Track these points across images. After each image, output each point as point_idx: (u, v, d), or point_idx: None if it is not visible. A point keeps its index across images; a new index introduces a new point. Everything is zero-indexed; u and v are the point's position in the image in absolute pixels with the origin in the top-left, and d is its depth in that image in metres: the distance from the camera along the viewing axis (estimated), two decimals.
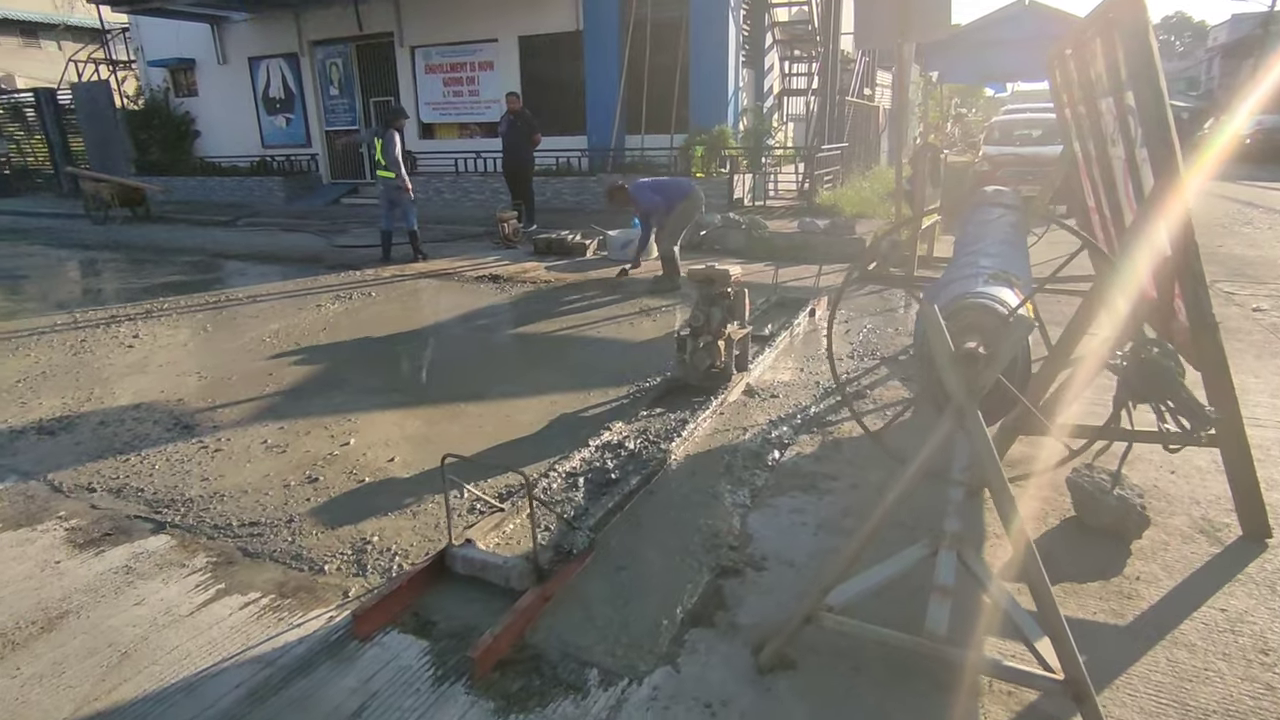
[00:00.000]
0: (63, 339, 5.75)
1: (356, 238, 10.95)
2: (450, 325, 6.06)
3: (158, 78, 17.49)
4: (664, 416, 3.90)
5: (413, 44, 14.24)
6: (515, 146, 10.49)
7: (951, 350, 1.59)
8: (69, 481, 3.37)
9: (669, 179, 7.00)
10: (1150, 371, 1.71)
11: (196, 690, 2.10)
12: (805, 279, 7.27)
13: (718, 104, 11.62)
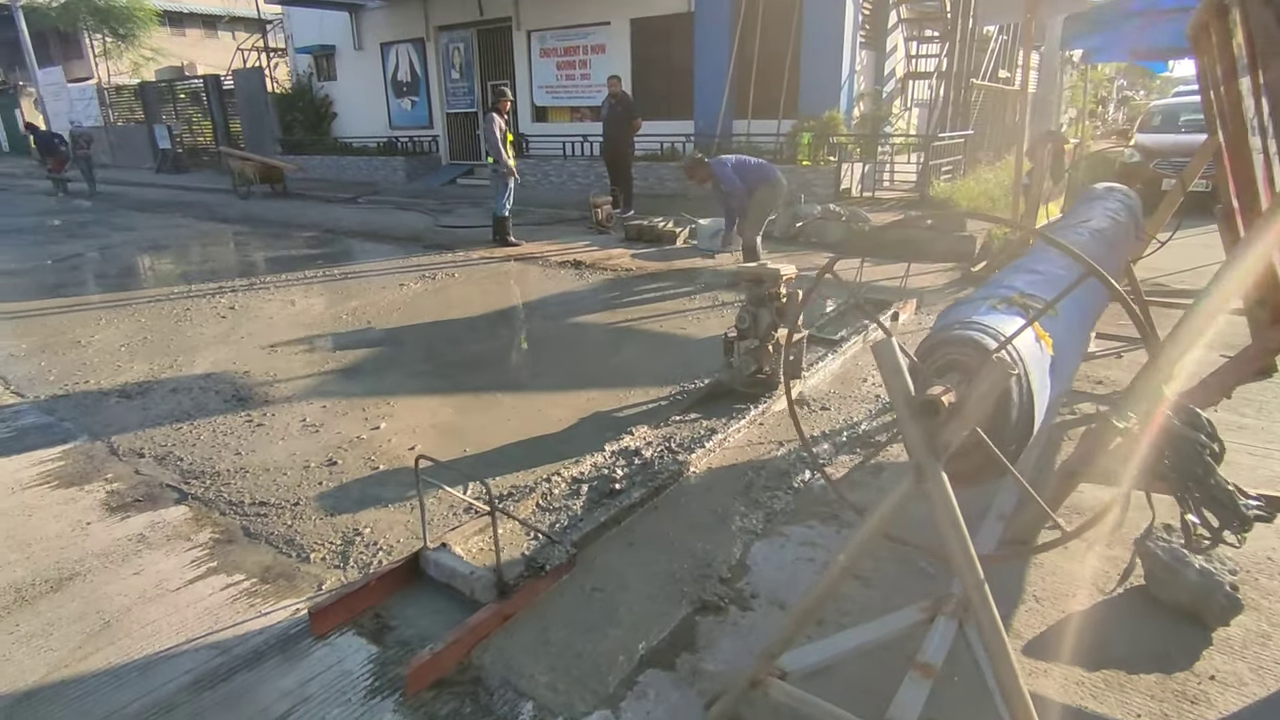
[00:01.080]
0: (172, 307, 6.25)
1: (461, 218, 11.28)
2: (515, 311, 6.06)
3: (303, 63, 18.82)
4: (696, 423, 3.67)
5: (529, 28, 14.44)
6: (615, 130, 10.39)
7: (909, 396, 1.29)
8: (126, 445, 3.60)
9: (753, 161, 6.53)
10: (1173, 447, 1.30)
11: (150, 671, 2.13)
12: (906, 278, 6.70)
13: (829, 88, 10.98)
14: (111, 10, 24.33)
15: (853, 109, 11.46)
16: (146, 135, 21.61)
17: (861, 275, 5.91)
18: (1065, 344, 1.73)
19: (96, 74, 25.41)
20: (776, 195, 6.39)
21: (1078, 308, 2.07)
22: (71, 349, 5.13)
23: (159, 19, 26.05)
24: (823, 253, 8.07)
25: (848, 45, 11.01)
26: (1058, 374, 1.67)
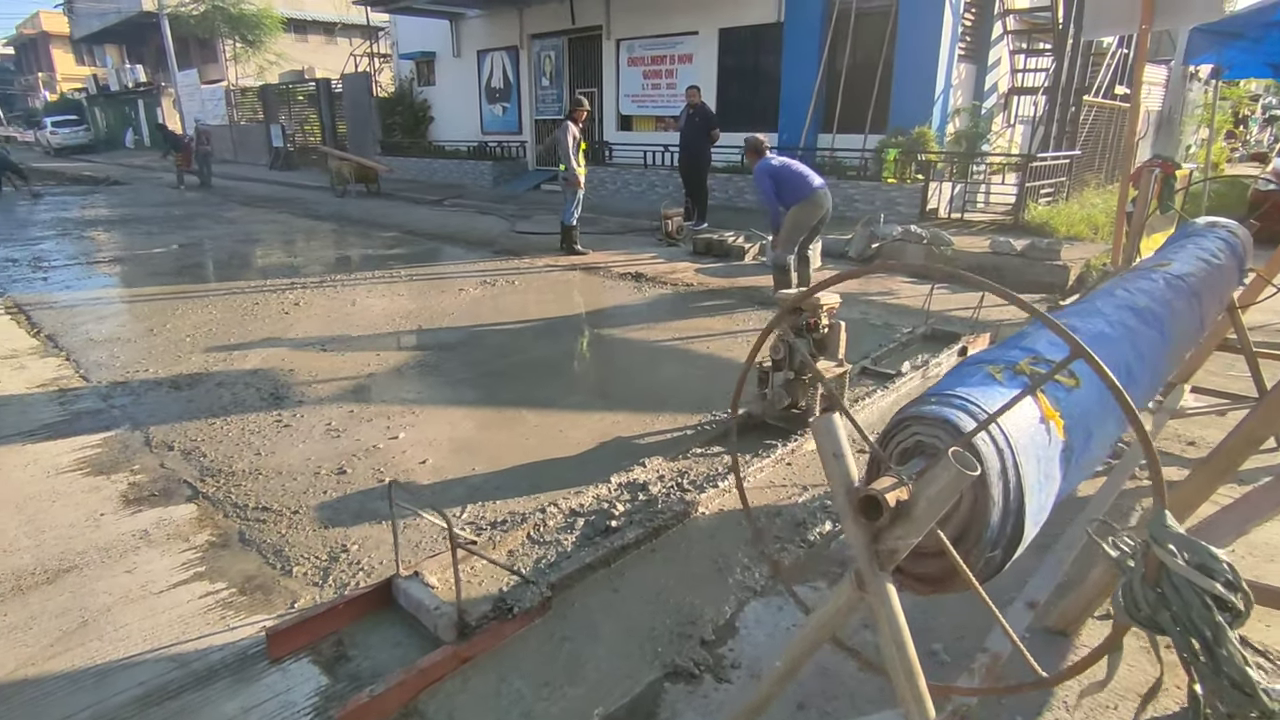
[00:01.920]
0: (243, 300, 6.52)
1: (537, 224, 11.37)
2: (563, 323, 5.97)
3: (406, 69, 19.61)
4: (715, 458, 3.44)
5: (618, 37, 14.48)
6: (692, 141, 10.22)
7: (849, 487, 1.06)
8: (160, 437, 3.72)
9: (797, 169, 5.95)
10: (1176, 597, 0.99)
11: (107, 680, 2.12)
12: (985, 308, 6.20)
13: (922, 103, 10.42)
14: (243, 18, 26.20)
15: (946, 125, 10.84)
16: (264, 134, 23.09)
17: (930, 304, 5.49)
18: (1095, 421, 1.43)
19: (226, 76, 27.40)
20: (811, 214, 5.90)
21: (1140, 367, 1.74)
22: (143, 337, 5.41)
23: (283, 26, 27.83)
24: (901, 277, 7.62)
25: (944, 58, 10.42)
26: (1079, 459, 1.37)
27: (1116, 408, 1.53)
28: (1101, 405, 1.47)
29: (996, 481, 1.13)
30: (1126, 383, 1.65)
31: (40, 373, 4.67)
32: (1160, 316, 1.91)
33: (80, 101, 38.27)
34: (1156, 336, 1.82)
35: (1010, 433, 1.17)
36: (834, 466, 1.06)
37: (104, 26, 31.86)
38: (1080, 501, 2.96)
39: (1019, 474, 1.15)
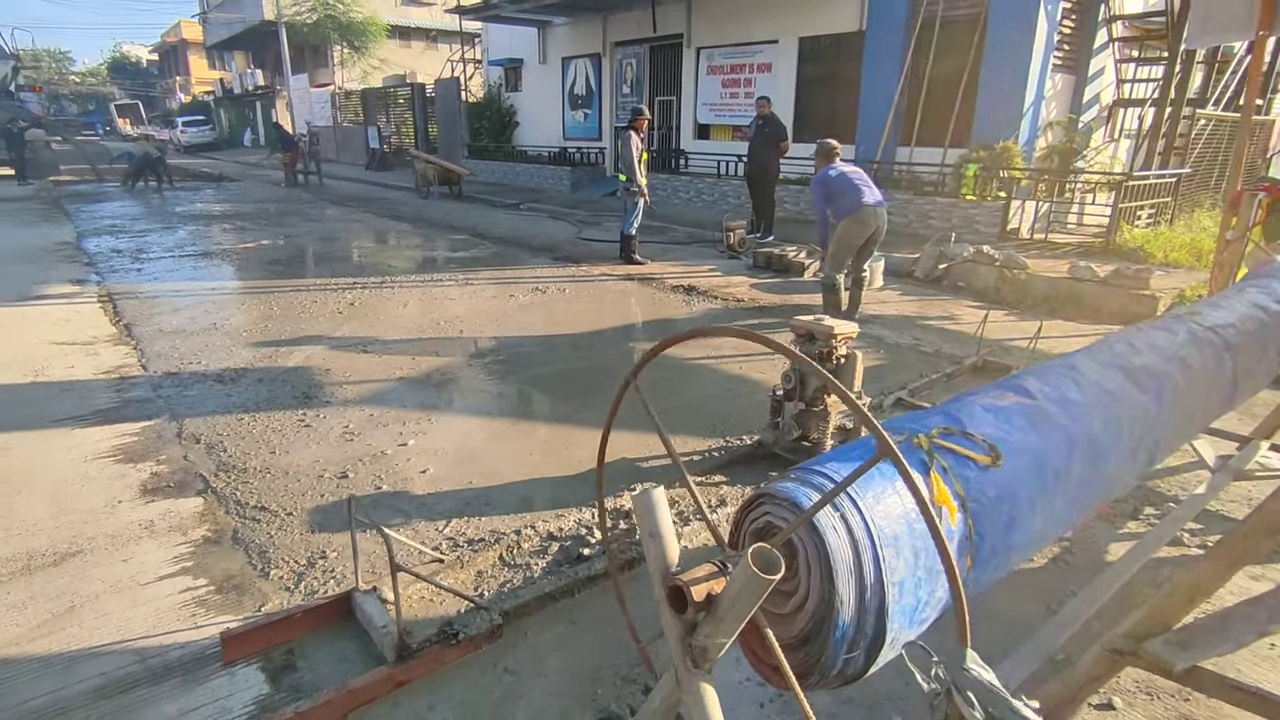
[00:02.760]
0: (304, 298, 6.84)
1: (604, 231, 11.43)
2: (602, 335, 5.93)
3: (495, 75, 20.19)
4: (714, 488, 3.32)
5: (699, 45, 14.42)
6: (760, 152, 10.04)
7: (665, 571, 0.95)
8: (191, 429, 3.92)
9: (855, 179, 5.65)
10: None
11: (74, 667, 2.22)
12: (1051, 336, 5.76)
13: (1008, 116, 9.84)
14: (351, 26, 27.70)
15: (1035, 140, 10.19)
16: (363, 136, 24.31)
17: (983, 331, 5.15)
18: (1027, 502, 1.26)
19: (334, 81, 29.05)
20: (857, 232, 5.63)
21: (1112, 438, 1.53)
22: (206, 331, 5.75)
23: (388, 33, 29.25)
24: (967, 301, 7.21)
25: (1036, 69, 9.80)
26: (997, 547, 1.21)
27: (1075, 483, 1.35)
28: (1041, 482, 1.29)
29: (847, 577, 1.00)
30: (1083, 458, 1.45)
31: (109, 360, 5.03)
32: (1160, 377, 1.68)
33: (208, 103, 41.51)
34: (1148, 401, 1.60)
35: (875, 520, 1.03)
36: (650, 547, 0.97)
37: (231, 34, 34.39)
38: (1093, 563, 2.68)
39: (878, 568, 1.01)
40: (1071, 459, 1.37)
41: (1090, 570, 2.74)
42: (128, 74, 63.07)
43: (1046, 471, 1.31)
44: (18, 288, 7.09)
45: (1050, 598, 2.59)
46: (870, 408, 4.21)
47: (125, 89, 57.20)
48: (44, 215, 12.56)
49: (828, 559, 0.98)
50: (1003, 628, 2.39)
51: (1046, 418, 1.38)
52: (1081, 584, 2.64)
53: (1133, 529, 3.08)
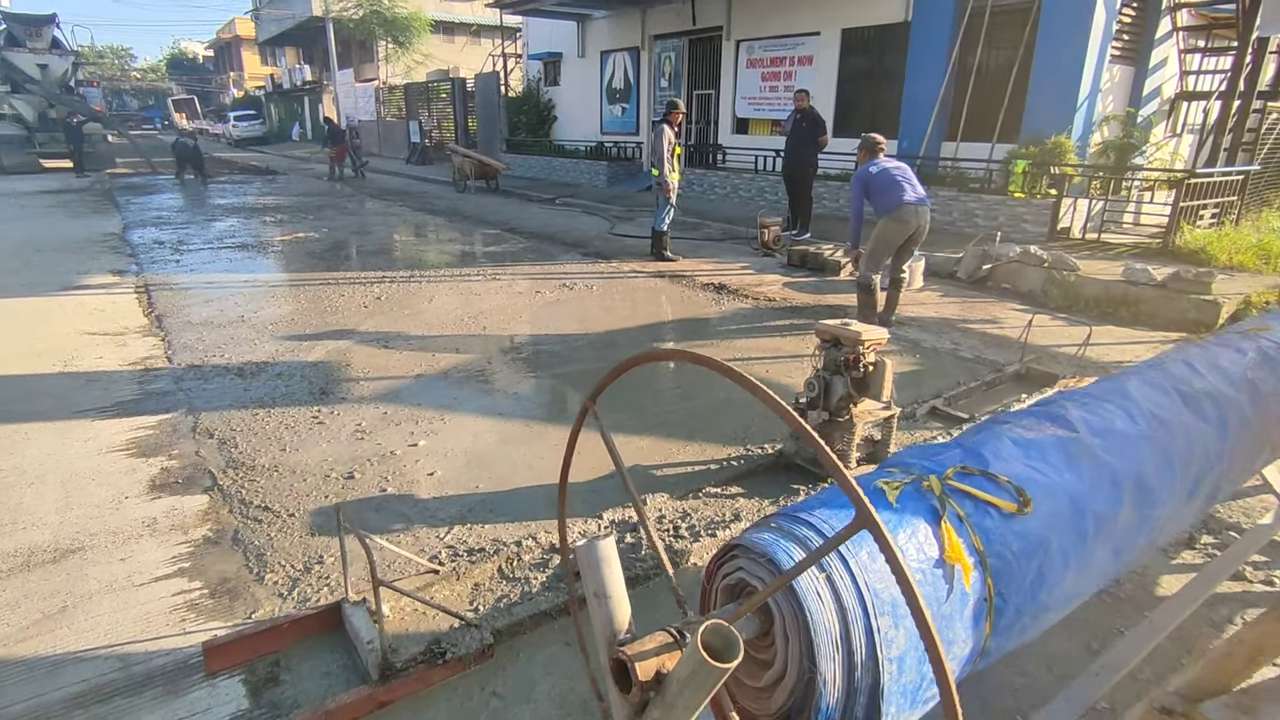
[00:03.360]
0: (332, 291, 6.84)
1: (638, 226, 11.28)
2: (625, 334, 5.78)
3: (534, 69, 20.17)
4: (730, 501, 3.15)
5: (738, 38, 14.14)
6: (798, 146, 9.74)
7: (609, 642, 0.80)
8: (205, 424, 3.90)
9: (897, 176, 5.38)
10: None
11: (57, 672, 2.17)
12: (1102, 343, 5.43)
13: (1061, 110, 9.38)
14: (395, 21, 28.00)
15: (1090, 135, 9.71)
16: (405, 130, 24.56)
17: (1027, 336, 4.86)
18: (1060, 555, 1.07)
19: (379, 76, 29.43)
20: (897, 231, 5.37)
21: (1164, 476, 1.33)
22: (234, 323, 5.77)
23: (431, 28, 29.49)
24: (1012, 304, 6.87)
25: (1092, 60, 9.32)
26: (1023, 610, 1.03)
27: (1120, 529, 1.16)
28: (1079, 531, 1.10)
29: (832, 653, 0.83)
30: (1131, 500, 1.25)
31: (136, 351, 5.07)
32: (1225, 403, 1.47)
33: (259, 98, 42.51)
34: (1209, 432, 1.39)
35: (870, 583, 0.86)
36: (595, 610, 0.82)
37: (281, 30, 35.12)
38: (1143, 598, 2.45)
39: (872, 642, 0.85)
40: (1116, 501, 1.18)
41: (1139, 606, 2.50)
42: (185, 70, 65.06)
43: (1085, 517, 1.12)
44: (61, 278, 7.25)
45: (1092, 635, 2.36)
46: (903, 417, 3.99)
47: (182, 84, 59.00)
48: (95, 207, 12.93)
49: (808, 630, 0.82)
50: (1040, 665, 2.19)
51: (1088, 453, 1.19)
52: (1129, 622, 2.41)
53: (1188, 559, 2.83)
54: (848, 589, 0.86)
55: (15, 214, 11.93)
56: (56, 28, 19.80)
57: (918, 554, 0.93)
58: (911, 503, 0.98)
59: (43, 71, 19.18)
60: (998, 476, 1.06)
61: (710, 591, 0.98)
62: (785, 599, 0.86)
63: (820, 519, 0.94)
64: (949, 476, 1.03)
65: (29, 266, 7.79)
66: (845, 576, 0.86)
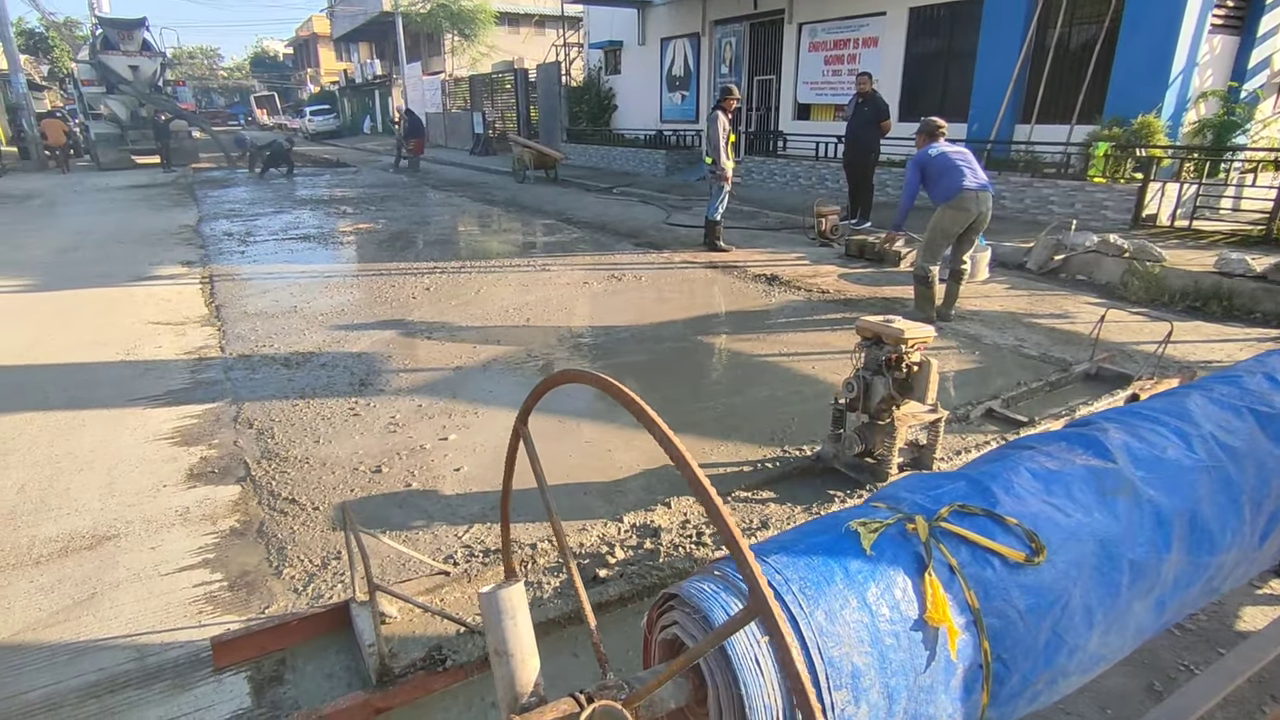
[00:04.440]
0: (385, 282, 6.95)
1: (693, 216, 11.09)
2: (670, 328, 5.63)
3: (595, 58, 20.12)
4: (759, 507, 3.00)
5: (801, 20, 13.71)
6: (860, 132, 9.39)
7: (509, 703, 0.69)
8: (247, 413, 3.98)
9: (957, 160, 5.10)
10: None
11: (77, 660, 2.21)
12: (1186, 341, 4.98)
13: (1151, 86, 8.70)
14: (461, 14, 28.42)
15: (1183, 113, 8.97)
16: (469, 121, 24.94)
17: (1098, 332, 4.49)
18: (1081, 611, 0.90)
19: (445, 69, 29.97)
20: (955, 219, 5.07)
21: (1227, 514, 1.12)
22: (287, 314, 5.91)
23: (497, 19, 29.82)
24: (1087, 297, 6.42)
25: (1188, 31, 8.60)
26: (1029, 677, 0.86)
27: (1165, 579, 0.98)
28: (1108, 582, 0.93)
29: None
30: (1181, 543, 1.05)
31: (194, 340, 5.25)
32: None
33: (333, 93, 43.99)
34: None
35: (825, 649, 0.72)
36: (495, 669, 0.71)
37: (354, 27, 36.15)
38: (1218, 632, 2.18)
39: None
40: (1161, 546, 0.99)
41: (1214, 642, 2.24)
42: (267, 68, 67.95)
43: (1118, 566, 0.94)
44: (135, 268, 7.61)
45: (1157, 673, 2.12)
46: (955, 419, 3.74)
47: (264, 82, 61.65)
48: (176, 200, 13.59)
49: (743, 706, 0.69)
50: (1093, 705, 1.97)
51: (1126, 488, 1.00)
52: (1201, 659, 2.16)
53: (1278, 589, 2.52)
54: (746, 665, 0.72)
55: (106, 207, 12.65)
56: (146, 30, 20.87)
57: (891, 614, 0.78)
58: (891, 549, 0.83)
59: (134, 72, 20.26)
60: (1004, 518, 0.90)
61: (651, 643, 0.86)
62: (719, 666, 0.74)
63: (776, 567, 0.80)
64: (942, 517, 0.88)
65: (109, 258, 8.21)
66: (794, 642, 0.72)
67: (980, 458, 1.13)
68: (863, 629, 0.75)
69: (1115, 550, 0.95)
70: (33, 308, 6.17)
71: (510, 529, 2.55)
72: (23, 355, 4.97)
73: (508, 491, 1.40)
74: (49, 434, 3.74)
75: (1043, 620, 0.86)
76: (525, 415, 1.20)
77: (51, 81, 39.09)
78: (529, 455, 1.21)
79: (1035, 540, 0.88)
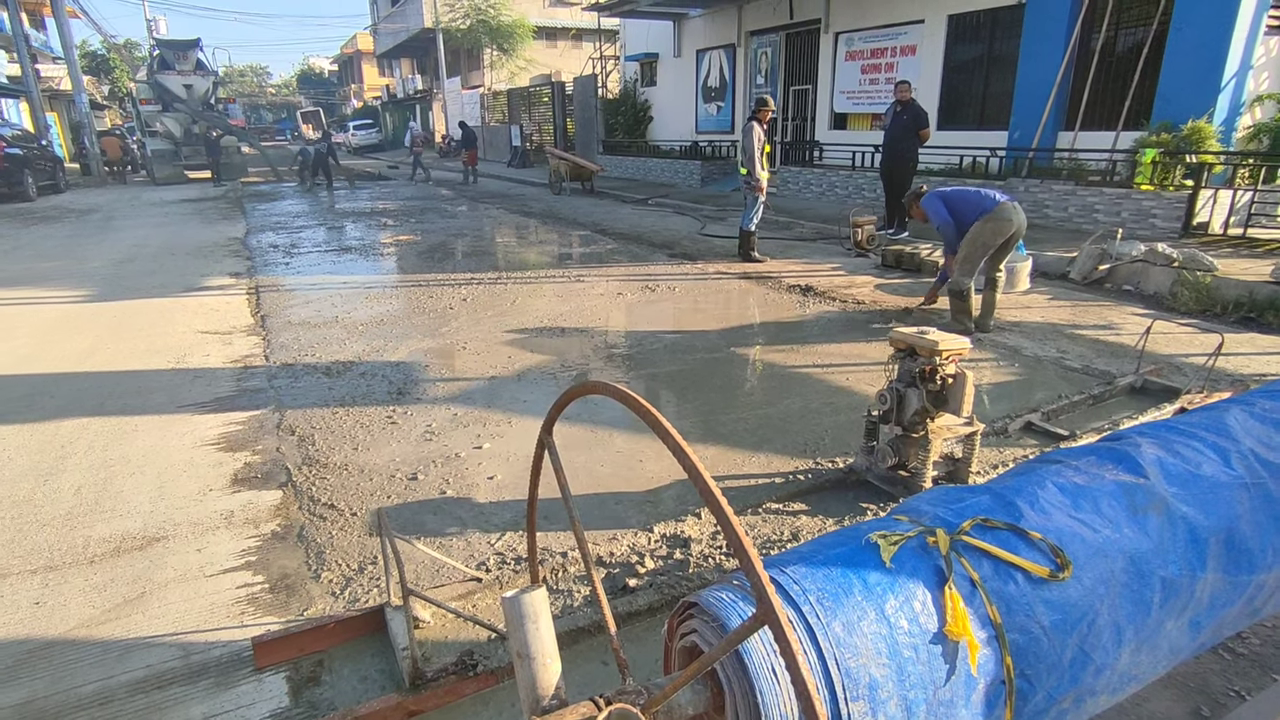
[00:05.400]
0: (423, 293, 7.09)
1: (728, 227, 11.10)
2: (703, 338, 5.64)
3: (630, 71, 20.29)
4: (790, 519, 2.98)
5: (837, 30, 13.66)
6: (898, 141, 9.30)
7: (530, 708, 0.71)
8: (289, 421, 4.09)
9: (972, 190, 5.27)
10: None
11: (126, 657, 2.30)
12: (1238, 354, 4.82)
13: (1201, 91, 8.45)
14: (500, 29, 28.95)
15: (1237, 118, 8.69)
16: (507, 134, 25.34)
17: (1144, 344, 4.36)
18: (1110, 629, 0.89)
19: (484, 82, 30.52)
20: (995, 231, 5.03)
21: (1263, 531, 1.09)
22: (329, 324, 6.07)
23: (534, 34, 30.29)
24: (1133, 308, 6.25)
25: (1242, 33, 8.35)
26: (1054, 695, 0.86)
27: (1198, 598, 0.96)
28: (1138, 600, 0.92)
29: None
30: (1217, 560, 1.03)
31: (240, 349, 5.42)
32: None
33: (376, 108, 45.11)
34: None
35: (842, 660, 0.73)
36: (520, 671, 0.73)
37: (396, 43, 37.06)
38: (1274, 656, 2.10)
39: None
40: (1196, 565, 0.96)
41: (1266, 667, 2.16)
42: (313, 84, 70.03)
43: (1149, 583, 0.92)
44: (186, 280, 7.89)
45: (1205, 698, 2.05)
46: (993, 432, 3.68)
47: (310, 98, 63.50)
48: (225, 213, 14.06)
49: (759, 715, 0.70)
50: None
51: (1158, 504, 0.98)
52: (1252, 685, 2.09)
53: None
54: (813, 668, 0.73)
55: (161, 220, 13.15)
56: (200, 51, 21.71)
57: (910, 626, 0.78)
58: (911, 562, 0.83)
59: (188, 91, 21.07)
60: (1029, 532, 0.89)
61: (671, 650, 0.87)
62: (736, 674, 0.75)
63: (794, 578, 0.80)
64: (964, 530, 0.87)
65: (163, 269, 8.54)
66: (810, 652, 0.73)
67: (1006, 472, 1.12)
68: (881, 641, 0.76)
69: (1146, 567, 0.93)
70: (93, 317, 6.45)
71: (539, 537, 2.58)
72: (82, 362, 5.19)
73: (533, 500, 1.43)
74: (105, 438, 3.90)
75: (1068, 637, 0.85)
76: (549, 425, 1.22)
77: (111, 100, 40.87)
78: (553, 465, 1.23)
79: (1061, 555, 0.87)
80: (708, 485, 0.68)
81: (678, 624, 0.94)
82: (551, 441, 1.21)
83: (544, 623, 0.78)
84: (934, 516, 0.92)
